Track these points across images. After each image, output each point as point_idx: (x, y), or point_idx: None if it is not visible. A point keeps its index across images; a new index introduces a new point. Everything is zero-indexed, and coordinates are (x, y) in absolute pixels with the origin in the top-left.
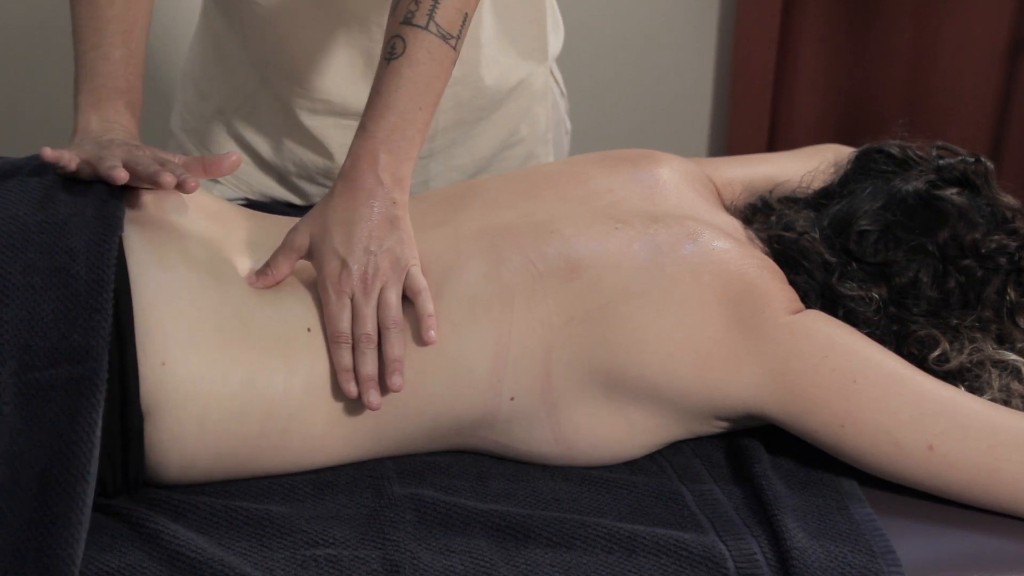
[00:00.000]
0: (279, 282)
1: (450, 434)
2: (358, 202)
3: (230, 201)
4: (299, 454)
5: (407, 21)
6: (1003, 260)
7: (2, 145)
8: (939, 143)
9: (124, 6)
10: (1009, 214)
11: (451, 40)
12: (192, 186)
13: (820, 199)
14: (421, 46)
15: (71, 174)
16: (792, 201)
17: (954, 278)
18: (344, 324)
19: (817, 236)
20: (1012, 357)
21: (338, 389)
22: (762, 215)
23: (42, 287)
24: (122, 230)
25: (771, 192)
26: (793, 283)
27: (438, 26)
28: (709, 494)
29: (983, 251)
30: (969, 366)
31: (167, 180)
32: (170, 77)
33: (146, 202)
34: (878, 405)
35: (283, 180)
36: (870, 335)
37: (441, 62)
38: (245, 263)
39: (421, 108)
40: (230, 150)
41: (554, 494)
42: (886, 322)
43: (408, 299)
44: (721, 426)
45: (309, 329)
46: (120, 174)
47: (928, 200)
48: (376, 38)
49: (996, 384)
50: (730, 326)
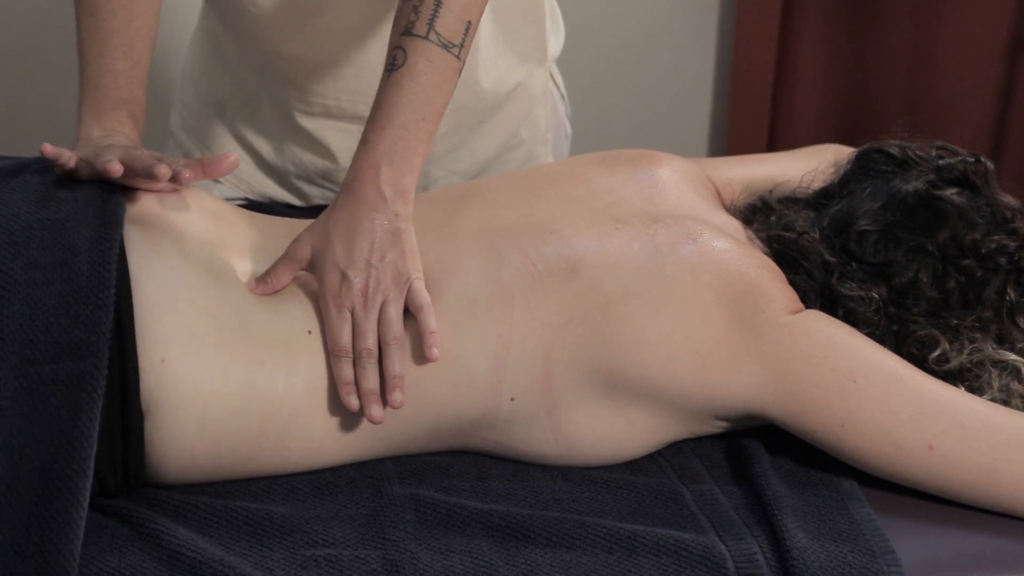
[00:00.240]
0: (279, 291)
1: (450, 434)
2: (360, 215)
3: (230, 201)
4: (299, 455)
5: (407, 32)
6: (1003, 260)
7: (2, 145)
8: (939, 143)
9: (127, 19)
10: (1009, 214)
11: (453, 49)
12: (187, 177)
13: (820, 199)
14: (422, 56)
15: (70, 172)
16: (792, 201)
17: (954, 278)
18: (345, 338)
19: (817, 236)
20: (1012, 357)
21: (337, 389)
22: (762, 215)
23: (44, 282)
24: (122, 227)
25: (771, 192)
26: (793, 283)
27: (439, 35)
28: (709, 494)
29: (983, 251)
30: (969, 366)
31: (162, 171)
32: (170, 77)
33: (147, 202)
34: (878, 405)
35: (283, 181)
36: (870, 335)
37: (443, 71)
38: (245, 264)
39: (424, 119)
40: (230, 150)
41: (554, 494)
42: (886, 322)
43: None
44: (721, 426)
45: (310, 331)
46: (115, 167)
47: (928, 200)
48: (368, 46)
49: (996, 384)
50: (730, 326)
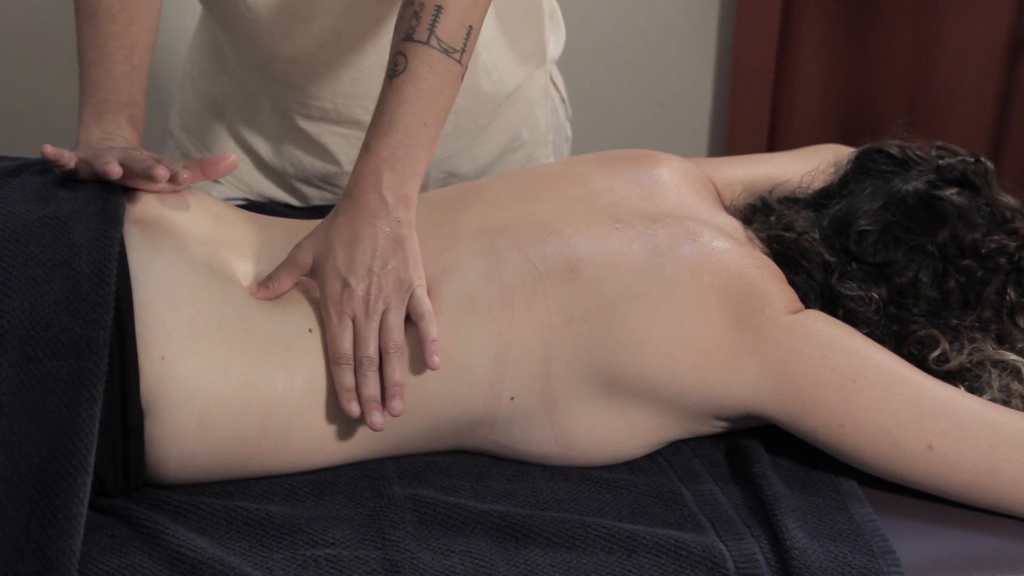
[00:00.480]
0: (280, 296)
1: (450, 434)
2: (362, 222)
3: (229, 201)
4: (299, 454)
5: (408, 37)
6: (1003, 260)
7: (2, 145)
8: (939, 143)
9: (126, 23)
10: (1009, 214)
11: (454, 54)
12: (185, 178)
13: (820, 199)
14: (423, 61)
15: (69, 172)
16: (792, 201)
17: (954, 278)
18: (346, 345)
19: (817, 236)
20: (1012, 357)
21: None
22: (762, 215)
23: (44, 279)
24: (123, 225)
25: (771, 192)
26: (793, 283)
27: (439, 40)
28: (709, 494)
29: (983, 251)
30: (969, 366)
31: (160, 173)
32: (170, 77)
33: (148, 201)
34: (878, 405)
35: (282, 182)
36: (870, 335)
37: (444, 76)
38: (245, 263)
39: (426, 124)
40: (229, 151)
41: (554, 494)
42: (886, 322)
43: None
44: (721, 426)
45: (311, 330)
46: (114, 168)
47: (928, 200)
48: (365, 49)
49: (996, 384)
50: (730, 326)
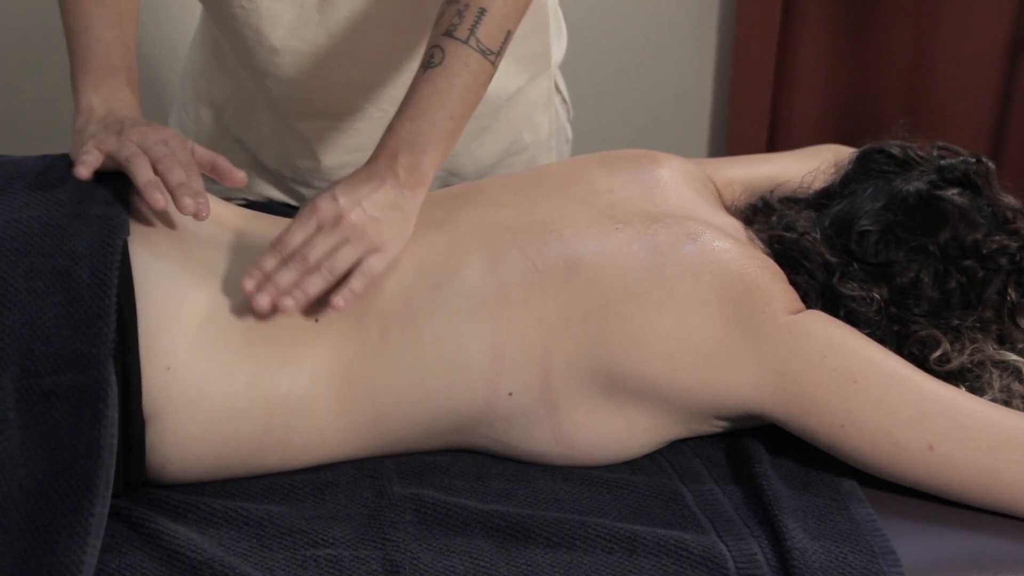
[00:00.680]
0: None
1: (449, 431)
2: (370, 180)
3: (229, 201)
4: (302, 448)
5: (449, 33)
6: (1004, 260)
7: (2, 145)
8: (940, 143)
9: None
10: (1010, 214)
11: (491, 56)
12: (204, 217)
13: (821, 199)
14: (459, 58)
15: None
16: (793, 201)
17: (955, 278)
18: (297, 241)
19: (818, 236)
20: (1013, 357)
21: (341, 379)
22: (763, 215)
23: (44, 291)
24: (127, 233)
25: (772, 192)
26: (794, 283)
27: (479, 41)
28: (709, 494)
29: (984, 252)
30: (970, 366)
31: (186, 206)
32: (170, 78)
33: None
34: (878, 405)
35: (280, 183)
36: (871, 335)
37: (477, 76)
38: (246, 263)
39: (452, 118)
40: (228, 151)
41: (554, 494)
42: (887, 322)
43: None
44: (721, 426)
45: (317, 320)
46: (157, 201)
47: (929, 200)
48: (369, 43)
49: (997, 384)
50: (730, 326)
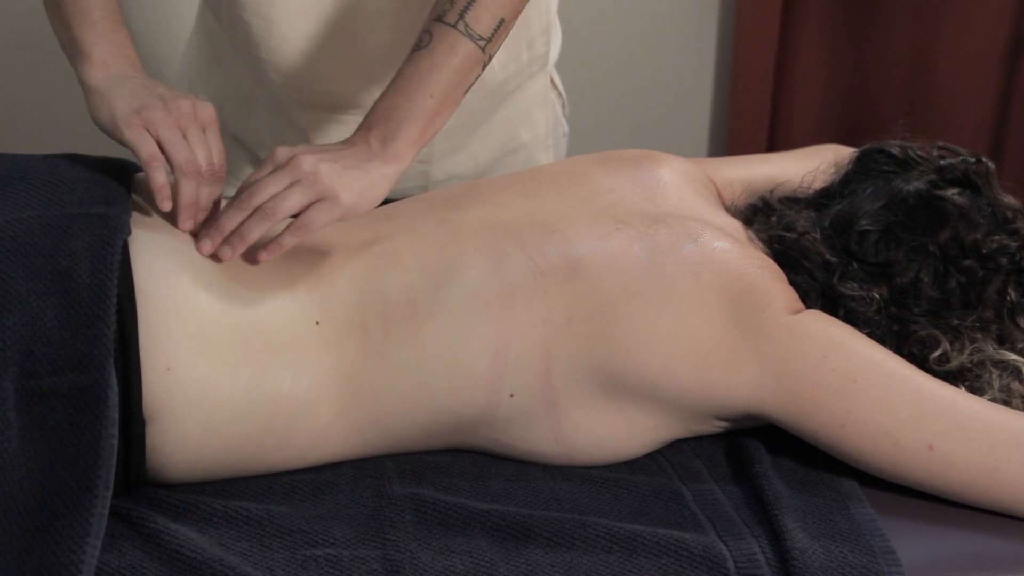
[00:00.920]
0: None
1: (450, 431)
2: (337, 145)
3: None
4: (302, 449)
5: (439, 18)
6: (1004, 260)
7: (2, 145)
8: (940, 143)
9: None
10: (1010, 214)
11: (479, 41)
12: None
13: (821, 199)
14: (444, 41)
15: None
16: (793, 201)
17: (955, 278)
18: (262, 195)
19: (818, 236)
20: (1013, 357)
21: (342, 380)
22: (763, 215)
23: (44, 292)
24: (127, 233)
25: (772, 192)
26: (794, 283)
27: (467, 25)
28: (709, 494)
29: (984, 251)
30: (970, 366)
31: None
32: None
33: (152, 204)
34: (878, 405)
35: None
36: (871, 335)
37: (463, 58)
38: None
39: (431, 96)
40: (227, 149)
41: (554, 494)
42: (887, 322)
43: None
44: (721, 426)
45: (318, 323)
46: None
47: (929, 200)
48: (371, 27)
49: (997, 384)
50: (730, 326)
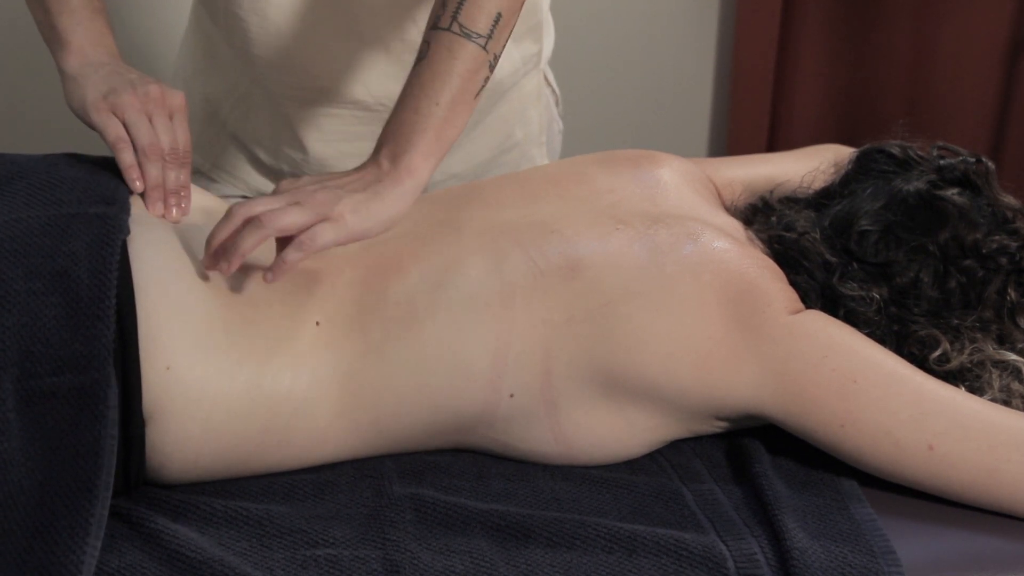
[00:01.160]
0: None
1: (450, 431)
2: (346, 172)
3: (228, 199)
4: (302, 449)
5: (434, 26)
6: (1004, 260)
7: (2, 145)
8: (940, 143)
9: None
10: (1010, 214)
11: (477, 39)
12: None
13: (821, 199)
14: (442, 46)
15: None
16: (793, 201)
17: (955, 278)
18: (258, 208)
19: (818, 236)
20: (1012, 357)
21: (342, 379)
22: (763, 215)
23: (43, 292)
24: (126, 232)
25: (771, 192)
26: (794, 283)
27: (462, 26)
28: (709, 494)
29: (984, 251)
30: (970, 366)
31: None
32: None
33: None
34: (878, 405)
35: (279, 179)
36: (870, 335)
37: (463, 59)
38: (248, 262)
39: (438, 104)
40: (225, 151)
41: (554, 494)
42: (887, 322)
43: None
44: (721, 426)
45: (318, 323)
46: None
47: (929, 200)
48: (363, 20)
49: (996, 384)
50: (730, 326)
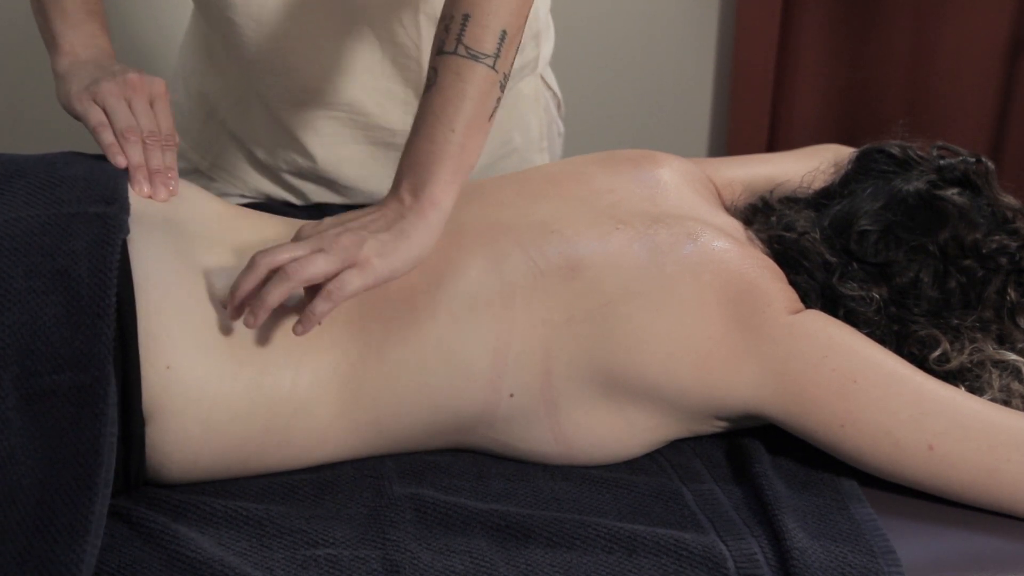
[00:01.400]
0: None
1: (450, 430)
2: (368, 211)
3: (227, 199)
4: (302, 449)
5: (440, 51)
6: (1004, 260)
7: (2, 145)
8: (940, 143)
9: None
10: (1010, 214)
11: (484, 59)
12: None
13: (821, 199)
14: (450, 71)
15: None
16: (792, 201)
17: (955, 278)
18: (282, 257)
19: (818, 236)
20: (1012, 357)
21: (342, 379)
22: (762, 215)
23: (44, 291)
24: (126, 232)
25: (771, 192)
26: (794, 283)
27: (467, 48)
28: (709, 494)
29: (984, 251)
30: (969, 366)
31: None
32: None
33: (148, 202)
34: (878, 405)
35: (278, 179)
36: (870, 335)
37: (474, 82)
38: (245, 262)
39: (453, 130)
40: (223, 150)
41: (554, 494)
42: (887, 322)
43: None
44: (721, 426)
45: (319, 323)
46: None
47: (929, 200)
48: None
49: (996, 384)
50: (730, 326)
